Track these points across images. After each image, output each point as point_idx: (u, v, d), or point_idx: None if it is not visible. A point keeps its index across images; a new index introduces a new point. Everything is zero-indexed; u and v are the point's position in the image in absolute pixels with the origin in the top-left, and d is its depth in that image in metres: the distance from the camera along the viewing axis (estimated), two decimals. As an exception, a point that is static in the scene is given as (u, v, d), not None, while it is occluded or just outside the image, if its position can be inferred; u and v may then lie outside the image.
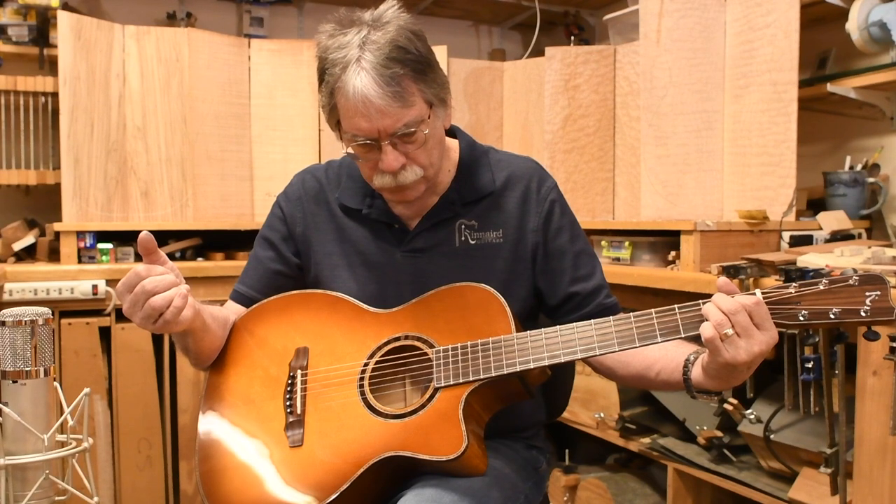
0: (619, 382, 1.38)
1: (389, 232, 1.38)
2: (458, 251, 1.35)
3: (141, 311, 1.15)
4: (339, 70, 1.20)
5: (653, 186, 2.42)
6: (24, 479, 1.16)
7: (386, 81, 1.18)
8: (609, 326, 1.15)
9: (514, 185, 1.38)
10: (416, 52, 1.22)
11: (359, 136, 1.23)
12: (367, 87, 1.18)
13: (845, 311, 1.04)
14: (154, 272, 1.16)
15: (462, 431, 1.14)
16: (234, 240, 2.82)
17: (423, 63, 1.23)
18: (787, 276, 1.70)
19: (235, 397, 1.31)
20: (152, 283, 1.14)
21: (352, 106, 1.20)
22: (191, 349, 1.31)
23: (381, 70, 1.18)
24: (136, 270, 1.15)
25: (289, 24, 3.47)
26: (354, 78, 1.19)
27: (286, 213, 1.45)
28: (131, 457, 2.49)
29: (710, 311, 1.06)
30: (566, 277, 1.37)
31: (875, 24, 2.12)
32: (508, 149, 1.42)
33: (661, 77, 2.39)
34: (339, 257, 1.40)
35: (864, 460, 1.60)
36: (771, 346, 1.06)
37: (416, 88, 1.22)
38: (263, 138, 2.95)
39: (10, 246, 2.65)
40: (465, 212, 1.37)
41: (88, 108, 2.62)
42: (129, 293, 1.15)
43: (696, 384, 1.16)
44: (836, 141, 2.48)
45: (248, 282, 1.45)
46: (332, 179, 1.45)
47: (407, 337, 1.27)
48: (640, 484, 2.47)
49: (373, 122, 1.20)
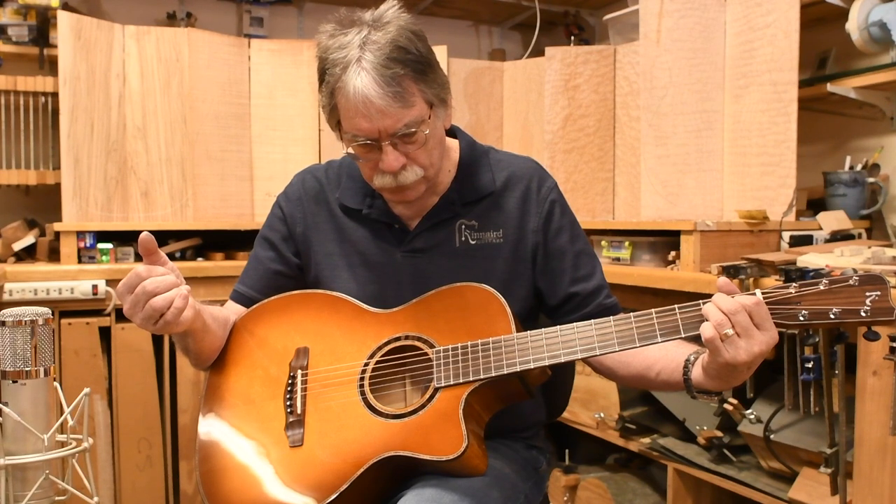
0: (619, 383, 1.38)
1: (389, 232, 1.38)
2: (459, 251, 1.35)
3: (142, 312, 1.15)
4: (339, 70, 1.20)
5: (653, 186, 2.42)
6: (24, 479, 1.16)
7: (386, 82, 1.18)
8: (609, 326, 1.15)
9: (514, 185, 1.38)
10: (417, 52, 1.22)
11: (359, 136, 1.23)
12: (368, 88, 1.18)
13: (845, 311, 1.04)
14: (155, 273, 1.16)
15: (462, 431, 1.14)
16: (234, 240, 2.82)
17: (423, 63, 1.23)
18: (787, 276, 1.70)
19: (236, 397, 1.31)
20: (153, 284, 1.14)
21: (352, 106, 1.20)
22: (191, 349, 1.31)
23: (381, 70, 1.18)
24: (137, 271, 1.15)
25: (289, 24, 3.47)
26: (355, 78, 1.18)
27: (286, 213, 1.45)
28: (131, 457, 2.49)
29: (710, 311, 1.06)
30: (566, 277, 1.37)
31: (875, 24, 2.12)
32: (508, 149, 1.42)
33: (661, 77, 2.39)
34: (340, 257, 1.40)
35: (864, 460, 1.60)
36: (771, 347, 1.06)
37: (416, 89, 1.22)
38: (263, 138, 2.95)
39: (10, 246, 2.65)
40: (465, 212, 1.37)
41: (88, 108, 2.62)
42: (129, 294, 1.15)
43: (696, 384, 1.16)
44: (836, 141, 2.48)
45: (248, 282, 1.45)
46: (332, 179, 1.45)
47: (407, 337, 1.27)
48: (640, 484, 2.47)
49: (373, 123, 1.20)
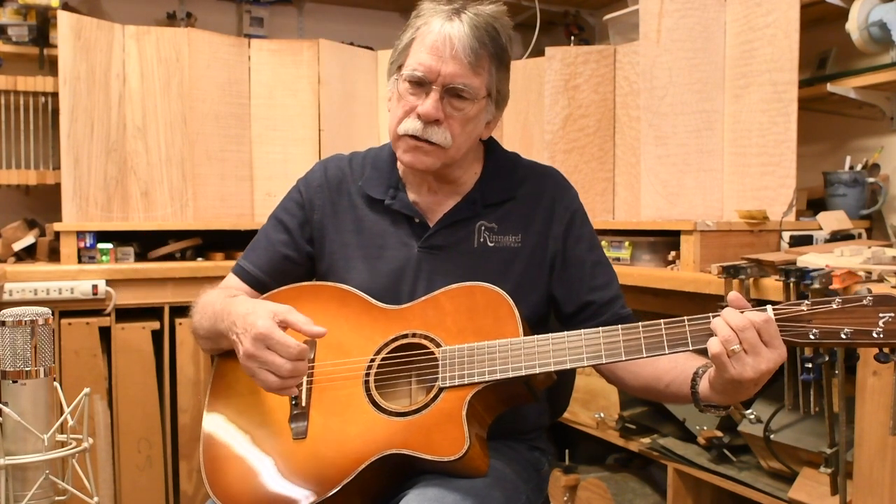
0: (630, 393, 1.37)
1: (409, 226, 1.38)
2: (476, 252, 1.35)
3: (266, 374, 1.14)
4: (432, 13, 1.27)
5: (653, 186, 2.42)
6: (24, 479, 1.16)
7: (471, 40, 1.24)
8: (617, 335, 1.14)
9: (537, 192, 1.39)
10: (504, 42, 1.29)
11: (418, 70, 1.25)
12: (455, 31, 1.24)
13: (857, 331, 1.01)
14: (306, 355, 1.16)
15: (465, 433, 1.14)
16: (234, 240, 2.81)
17: (503, 55, 1.30)
18: (787, 276, 1.70)
19: (242, 386, 1.31)
20: (298, 368, 1.15)
21: (430, 41, 1.25)
22: (223, 346, 1.32)
23: (472, 30, 1.24)
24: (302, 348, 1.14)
25: (289, 24, 3.47)
26: (446, 22, 1.25)
27: (305, 199, 1.44)
28: (131, 457, 2.49)
29: (719, 326, 1.05)
30: (583, 286, 1.36)
31: (875, 24, 2.12)
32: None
33: (661, 77, 2.39)
34: (356, 248, 1.39)
35: (864, 460, 1.60)
36: (779, 364, 1.04)
37: (488, 68, 1.27)
38: (263, 138, 2.95)
39: (10, 246, 2.65)
40: (486, 213, 1.37)
41: (88, 108, 2.62)
42: (266, 348, 1.14)
43: (703, 398, 1.15)
44: (836, 141, 2.48)
45: (255, 260, 1.43)
46: (356, 169, 1.44)
47: (414, 335, 1.26)
48: (640, 484, 2.47)
49: (440, 63, 1.24)
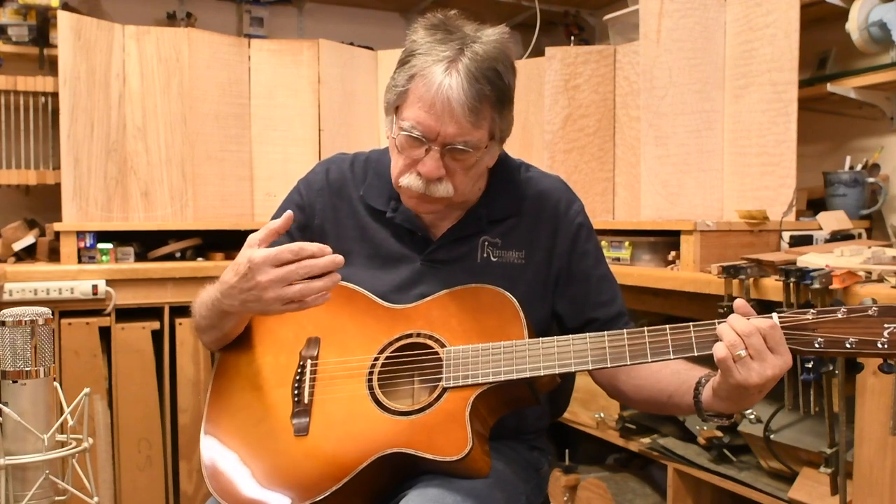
0: (632, 406, 1.37)
1: (412, 239, 1.36)
2: (479, 267, 1.34)
3: (288, 290, 1.12)
4: (431, 60, 1.19)
5: (653, 186, 2.42)
6: (24, 479, 1.16)
7: (471, 94, 1.18)
8: (622, 340, 1.15)
9: (541, 205, 1.37)
10: (507, 82, 1.23)
11: (416, 128, 1.21)
12: (453, 90, 1.17)
13: (862, 341, 1.02)
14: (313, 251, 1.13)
15: (467, 433, 1.14)
16: (234, 240, 2.81)
17: (506, 96, 1.24)
18: (787, 276, 1.70)
19: (245, 380, 1.31)
20: (313, 267, 1.12)
21: (427, 98, 1.19)
22: (226, 331, 1.30)
23: (472, 81, 1.18)
24: (303, 247, 1.12)
25: (289, 24, 3.47)
26: (444, 74, 1.18)
27: (306, 202, 1.41)
28: (131, 457, 2.49)
29: (724, 332, 1.05)
30: (588, 303, 1.36)
31: (875, 24, 2.12)
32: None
33: (661, 77, 2.39)
34: (358, 257, 1.37)
35: (864, 460, 1.60)
36: (784, 371, 1.04)
37: (490, 115, 1.22)
38: (263, 138, 2.95)
39: (10, 246, 2.65)
40: (490, 228, 1.35)
41: (88, 108, 2.62)
42: (275, 268, 1.12)
43: (706, 406, 1.15)
44: (836, 141, 2.48)
45: None
46: (357, 174, 1.41)
47: (419, 335, 1.26)
48: (640, 484, 2.47)
49: (438, 123, 1.19)
